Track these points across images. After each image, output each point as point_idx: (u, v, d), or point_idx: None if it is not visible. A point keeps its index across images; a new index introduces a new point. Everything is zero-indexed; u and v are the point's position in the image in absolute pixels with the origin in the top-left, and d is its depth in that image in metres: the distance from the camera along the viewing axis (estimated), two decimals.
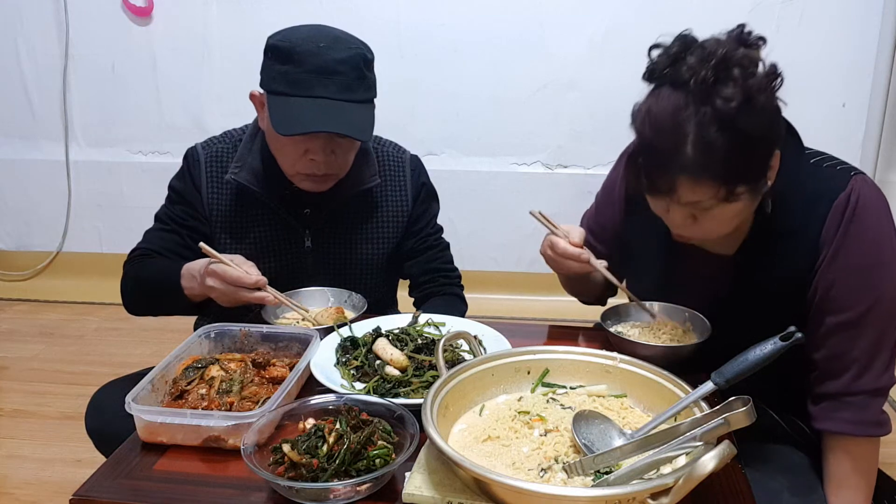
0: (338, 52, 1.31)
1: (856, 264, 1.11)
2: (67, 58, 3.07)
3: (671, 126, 1.00)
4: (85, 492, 0.87)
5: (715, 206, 1.05)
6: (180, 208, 1.50)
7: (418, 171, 1.61)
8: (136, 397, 0.97)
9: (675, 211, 1.10)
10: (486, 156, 3.02)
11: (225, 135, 1.56)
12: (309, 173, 1.38)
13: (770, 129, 1.04)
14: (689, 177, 1.01)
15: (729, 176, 1.01)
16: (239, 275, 1.22)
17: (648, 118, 1.04)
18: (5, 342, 2.82)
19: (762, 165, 1.06)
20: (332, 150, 1.36)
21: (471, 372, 1.00)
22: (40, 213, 3.31)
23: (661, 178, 1.04)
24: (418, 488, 0.82)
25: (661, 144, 1.02)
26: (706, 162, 0.99)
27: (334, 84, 1.30)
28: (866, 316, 1.11)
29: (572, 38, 2.83)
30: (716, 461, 0.70)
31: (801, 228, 1.14)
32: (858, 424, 1.14)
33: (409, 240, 1.60)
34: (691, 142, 0.99)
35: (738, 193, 1.03)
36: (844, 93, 2.77)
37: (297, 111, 1.29)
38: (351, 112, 1.31)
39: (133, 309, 1.48)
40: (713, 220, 1.08)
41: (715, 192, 1.02)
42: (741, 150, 0.99)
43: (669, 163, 1.01)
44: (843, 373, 1.14)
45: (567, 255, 1.24)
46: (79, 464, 1.99)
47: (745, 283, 1.21)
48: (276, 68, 1.32)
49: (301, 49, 1.29)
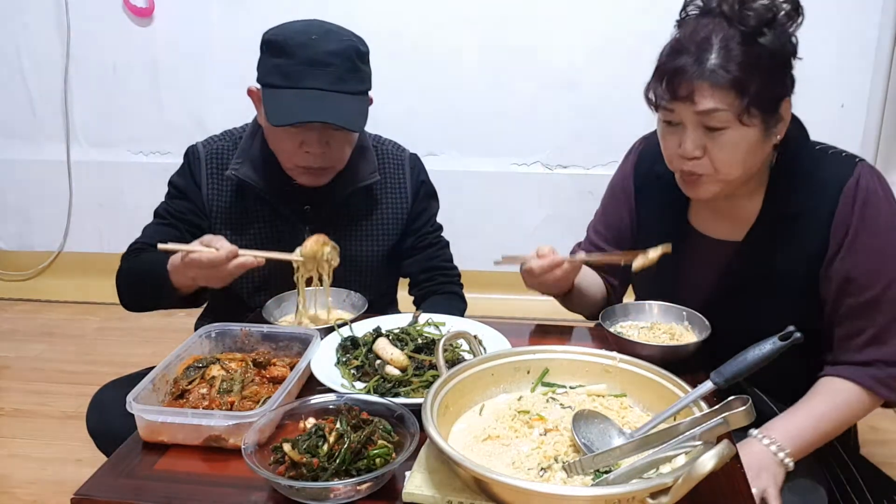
0: (329, 44, 1.33)
1: (872, 246, 1.15)
2: (69, 58, 3.07)
3: (698, 39, 1.09)
4: (86, 491, 0.87)
5: (728, 126, 1.09)
6: (180, 203, 1.51)
7: (418, 170, 1.62)
8: (137, 397, 0.97)
9: (689, 134, 1.12)
10: (486, 156, 3.02)
11: (225, 133, 1.57)
12: (305, 166, 1.39)
13: (787, 57, 1.11)
14: (708, 82, 1.07)
15: (745, 86, 1.06)
16: (211, 256, 1.21)
17: (678, 35, 1.13)
18: (6, 342, 2.83)
19: (777, 92, 1.10)
20: (326, 141, 1.37)
21: (471, 372, 1.00)
22: (41, 212, 3.31)
23: (682, 82, 1.09)
24: (418, 487, 0.83)
25: (687, 52, 1.09)
26: (726, 68, 1.06)
27: (326, 75, 1.32)
28: (885, 293, 1.16)
29: (572, 39, 2.83)
30: (715, 460, 0.71)
31: (809, 211, 1.18)
32: (867, 377, 1.16)
33: (409, 238, 1.61)
34: (715, 51, 1.07)
35: (752, 115, 1.08)
36: (843, 93, 2.77)
37: (289, 102, 1.31)
38: (343, 103, 1.33)
39: (128, 304, 1.48)
40: (724, 149, 1.11)
41: (731, 102, 1.07)
42: (759, 65, 1.06)
43: (692, 69, 1.08)
44: (862, 347, 1.18)
45: (544, 268, 1.26)
46: (80, 463, 1.99)
47: (754, 268, 1.23)
48: (271, 62, 1.34)
49: (293, 42, 1.32)
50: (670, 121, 1.15)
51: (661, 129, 1.19)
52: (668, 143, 1.18)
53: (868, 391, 1.16)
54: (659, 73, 1.13)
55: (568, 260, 1.27)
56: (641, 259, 1.25)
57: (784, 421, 1.16)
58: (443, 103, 2.95)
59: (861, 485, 1.23)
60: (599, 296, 1.47)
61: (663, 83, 1.12)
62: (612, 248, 1.45)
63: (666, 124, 1.17)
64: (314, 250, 1.32)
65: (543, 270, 1.26)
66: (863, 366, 1.17)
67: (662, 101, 1.13)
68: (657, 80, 1.13)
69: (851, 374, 1.17)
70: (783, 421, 1.16)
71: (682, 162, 1.16)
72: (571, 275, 1.31)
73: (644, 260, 1.25)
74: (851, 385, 1.17)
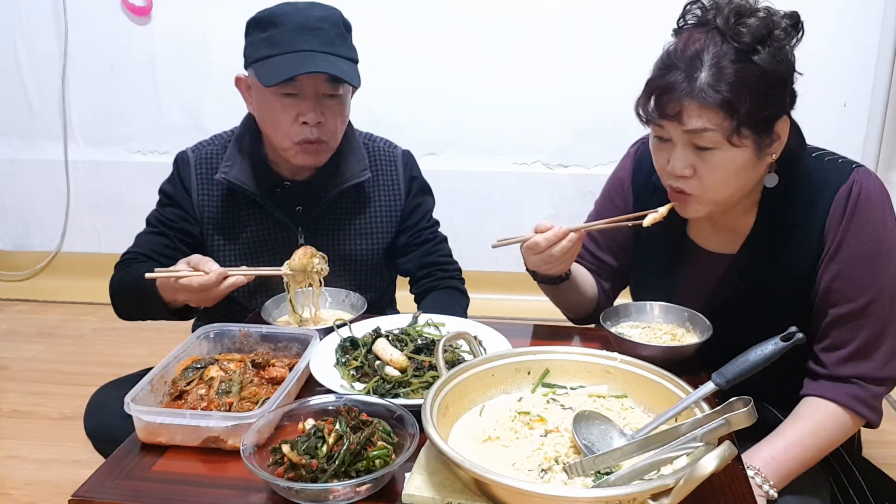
0: (317, 11, 1.37)
1: (858, 255, 1.12)
2: (66, 57, 3.06)
3: (690, 54, 1.05)
4: (84, 492, 0.87)
5: (718, 146, 1.06)
6: (170, 211, 1.50)
7: (410, 166, 1.62)
8: (136, 398, 0.97)
9: (678, 152, 1.09)
10: (486, 156, 3.02)
11: (214, 137, 1.57)
12: (302, 140, 1.39)
13: (782, 76, 1.06)
14: (697, 102, 1.04)
15: (735, 107, 1.02)
16: (202, 280, 1.21)
17: (671, 49, 1.09)
18: (4, 342, 2.82)
19: (770, 112, 1.06)
20: (322, 111, 1.37)
21: (471, 372, 0.99)
22: (39, 212, 3.30)
23: (671, 101, 1.06)
24: (418, 489, 0.82)
25: (677, 69, 1.06)
26: (716, 87, 1.02)
27: (316, 38, 1.34)
28: (869, 306, 1.12)
29: (573, 38, 2.82)
30: (717, 462, 0.70)
31: (803, 223, 1.15)
32: (848, 396, 1.13)
33: (403, 235, 1.60)
34: (705, 69, 1.03)
35: (742, 136, 1.04)
36: (845, 93, 2.77)
37: (282, 64, 1.33)
38: (336, 62, 1.35)
39: (120, 313, 1.48)
40: (714, 170, 1.08)
41: (720, 123, 1.04)
42: (751, 85, 1.02)
43: (681, 87, 1.04)
44: (845, 361, 1.14)
45: (550, 239, 1.20)
46: (78, 464, 1.98)
47: (749, 281, 1.21)
48: (258, 36, 1.37)
49: (280, 12, 1.36)
50: (660, 136, 1.13)
51: (652, 143, 1.17)
52: (658, 158, 1.16)
53: (850, 412, 1.12)
54: (648, 90, 1.10)
55: (573, 229, 1.22)
56: (652, 216, 1.21)
57: (766, 448, 1.11)
58: (443, 103, 2.94)
59: (863, 486, 1.22)
60: (591, 294, 1.43)
61: (652, 100, 1.09)
62: (600, 252, 1.43)
63: (657, 139, 1.15)
64: (303, 264, 1.31)
65: (549, 242, 1.21)
66: (844, 382, 1.14)
67: (652, 118, 1.11)
68: (646, 97, 1.10)
69: (833, 393, 1.13)
70: (765, 448, 1.11)
71: (672, 178, 1.14)
72: (577, 245, 1.24)
73: (655, 216, 1.21)
74: (834, 407, 1.13)
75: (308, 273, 1.32)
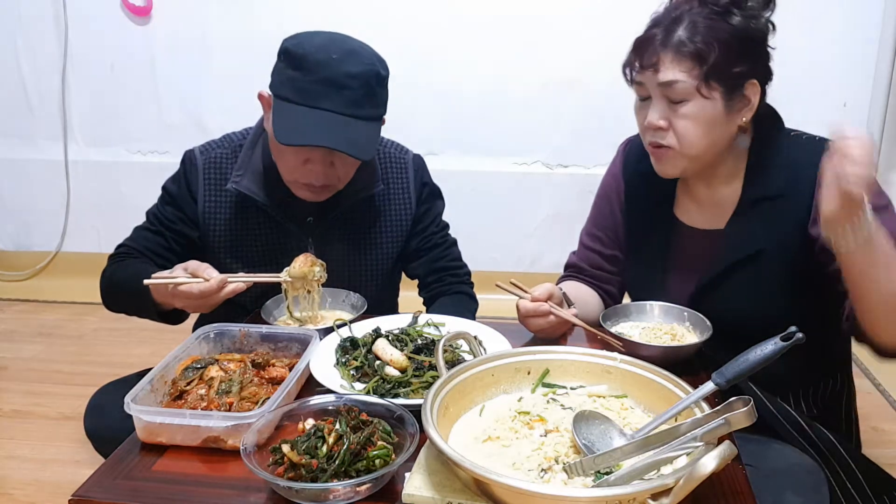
0: (350, 66, 1.28)
1: None
2: (66, 57, 3.06)
3: (672, 16, 1.17)
4: (84, 492, 0.87)
5: (689, 98, 1.15)
6: (171, 210, 1.48)
7: (420, 172, 1.60)
8: (136, 398, 0.97)
9: (654, 105, 1.18)
10: (486, 156, 3.02)
11: (224, 139, 1.52)
12: (307, 182, 1.36)
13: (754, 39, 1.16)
14: (672, 52, 1.15)
15: (704, 57, 1.13)
16: (202, 287, 1.20)
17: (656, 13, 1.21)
18: (4, 342, 2.81)
19: (740, 70, 1.15)
20: (331, 161, 1.34)
21: (471, 372, 0.99)
22: (39, 212, 3.30)
23: (649, 51, 1.17)
24: (418, 489, 0.82)
25: (658, 26, 1.18)
26: (691, 39, 1.14)
27: (342, 98, 1.27)
28: None
29: (573, 38, 2.82)
30: (716, 461, 0.70)
31: (788, 192, 1.21)
32: None
33: (414, 240, 1.59)
34: (684, 26, 1.15)
35: (711, 88, 1.14)
36: (845, 92, 2.77)
37: (300, 121, 1.27)
38: (355, 128, 1.29)
39: (108, 306, 1.47)
40: (686, 120, 1.16)
41: (690, 70, 1.14)
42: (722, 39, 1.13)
43: (659, 39, 1.16)
44: None
45: (528, 311, 1.26)
46: (78, 464, 1.98)
47: (738, 254, 1.25)
48: (287, 73, 1.30)
49: (313, 58, 1.27)
50: (642, 96, 1.22)
51: (635, 106, 1.26)
52: (640, 117, 1.24)
53: None
54: (633, 44, 1.22)
55: (553, 312, 1.25)
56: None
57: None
58: (443, 103, 2.94)
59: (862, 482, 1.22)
60: (597, 309, 1.44)
61: (633, 52, 1.21)
62: (606, 249, 1.46)
63: (639, 100, 1.24)
64: (303, 272, 1.30)
65: (527, 314, 1.27)
66: None
67: (634, 72, 1.21)
68: (631, 51, 1.22)
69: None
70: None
71: (650, 133, 1.21)
72: (558, 328, 1.29)
73: None
74: None
75: (307, 281, 1.32)
